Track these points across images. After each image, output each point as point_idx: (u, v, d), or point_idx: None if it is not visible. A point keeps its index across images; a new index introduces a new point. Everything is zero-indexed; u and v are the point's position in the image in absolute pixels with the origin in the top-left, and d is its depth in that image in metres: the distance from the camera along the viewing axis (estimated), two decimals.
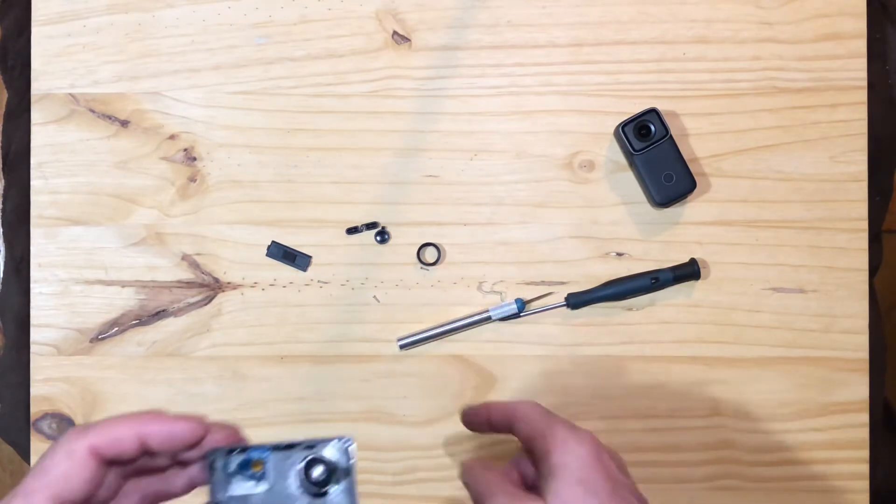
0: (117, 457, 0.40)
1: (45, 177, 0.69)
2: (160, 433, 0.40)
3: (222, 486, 0.40)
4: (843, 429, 0.67)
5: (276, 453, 0.41)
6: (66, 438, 0.39)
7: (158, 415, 0.40)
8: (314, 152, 0.69)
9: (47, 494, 0.38)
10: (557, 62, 0.68)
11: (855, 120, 0.67)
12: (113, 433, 0.39)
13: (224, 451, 0.40)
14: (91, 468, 0.39)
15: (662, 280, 0.66)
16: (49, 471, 0.38)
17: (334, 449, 0.41)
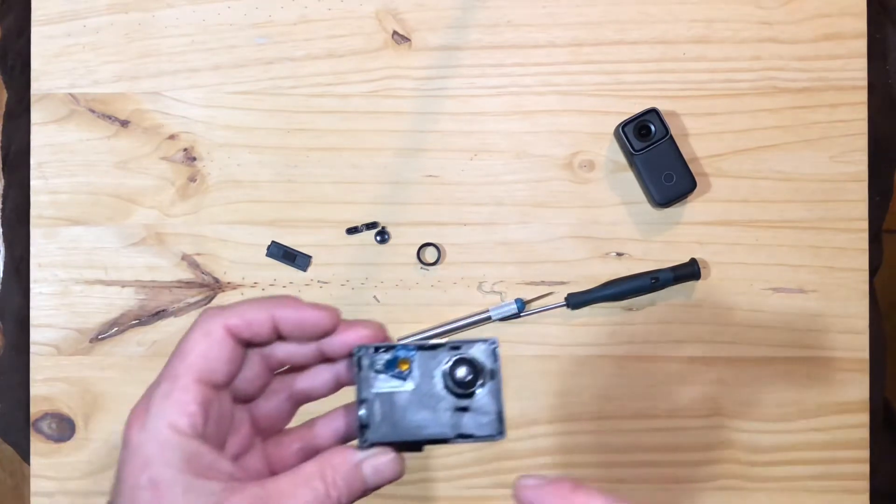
0: (252, 338, 0.40)
1: (44, 177, 0.69)
2: (292, 317, 0.40)
3: (368, 383, 0.40)
4: (843, 429, 0.67)
5: (422, 353, 0.40)
6: (202, 320, 0.39)
7: (291, 299, 0.40)
8: (314, 152, 0.69)
9: (192, 376, 0.38)
10: (557, 62, 0.68)
11: (855, 120, 0.67)
12: (247, 314, 0.39)
13: (370, 349, 0.40)
14: (229, 347, 0.39)
15: (662, 280, 0.66)
16: (189, 352, 0.38)
17: (480, 350, 0.40)
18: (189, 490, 0.36)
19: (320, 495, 0.38)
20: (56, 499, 0.68)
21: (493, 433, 0.40)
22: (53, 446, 0.69)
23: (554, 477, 0.38)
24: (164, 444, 0.36)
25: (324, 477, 0.38)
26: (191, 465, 0.36)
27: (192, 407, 0.37)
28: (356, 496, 0.39)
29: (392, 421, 0.40)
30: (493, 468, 0.68)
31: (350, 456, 0.39)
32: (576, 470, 0.68)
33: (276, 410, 0.43)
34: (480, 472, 0.68)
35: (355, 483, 0.39)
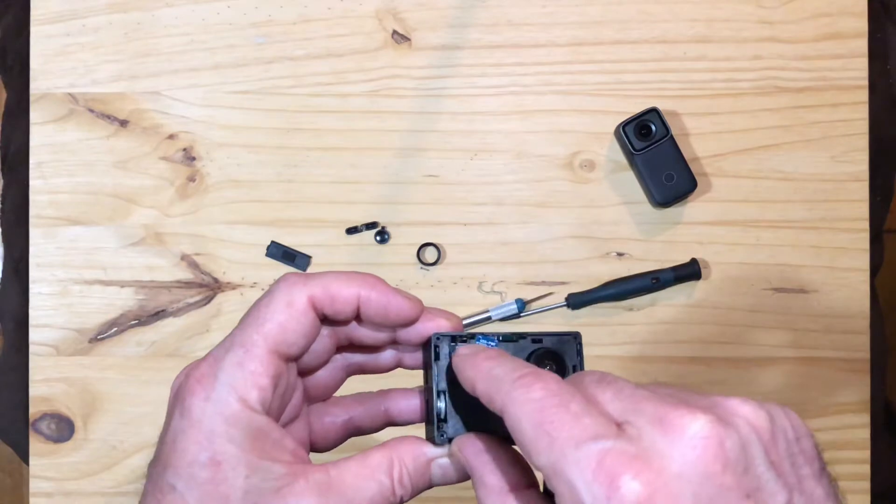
0: (334, 315, 0.37)
1: (44, 176, 0.69)
2: (378, 301, 0.37)
3: (444, 373, 0.37)
4: (843, 429, 0.67)
5: (503, 344, 0.38)
6: (286, 287, 0.36)
7: (378, 280, 0.37)
8: (314, 152, 0.68)
9: (269, 346, 0.35)
10: (558, 61, 0.68)
11: (856, 119, 0.67)
12: (333, 288, 0.36)
13: (449, 338, 0.38)
14: (309, 320, 0.36)
15: (663, 280, 0.66)
16: (268, 320, 0.35)
17: (563, 344, 0.38)
18: (252, 472, 0.33)
19: (385, 491, 0.35)
20: (55, 499, 0.68)
21: None
22: (52, 447, 0.68)
23: None
24: (231, 418, 0.34)
25: (391, 471, 0.36)
26: (256, 444, 0.34)
27: (265, 380, 0.35)
28: (417, 493, 0.37)
29: (468, 415, 0.37)
30: None
31: (421, 451, 0.36)
32: None
33: (329, 379, 0.41)
34: None
35: (421, 481, 0.36)
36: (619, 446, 0.28)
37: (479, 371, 0.34)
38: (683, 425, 0.28)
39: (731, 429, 0.28)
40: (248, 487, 0.33)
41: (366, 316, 0.37)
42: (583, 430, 0.29)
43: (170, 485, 0.34)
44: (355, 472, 0.35)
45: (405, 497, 0.36)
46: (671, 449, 0.27)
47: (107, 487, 0.68)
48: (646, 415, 0.29)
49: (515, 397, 0.31)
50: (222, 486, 0.33)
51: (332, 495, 0.34)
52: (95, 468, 0.68)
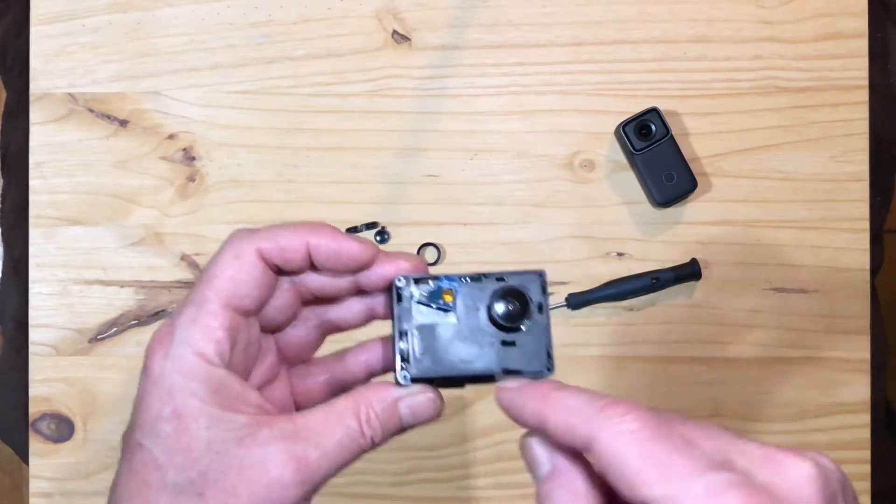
0: (284, 265, 0.37)
1: (43, 176, 0.69)
2: (328, 247, 0.37)
3: (408, 314, 0.37)
4: (844, 429, 0.67)
5: (465, 284, 0.38)
6: (232, 241, 0.37)
7: (328, 227, 0.37)
8: (314, 152, 0.68)
9: (220, 301, 0.35)
10: (558, 61, 0.68)
11: (856, 119, 0.67)
12: (279, 238, 0.37)
13: (410, 280, 0.38)
14: (259, 270, 0.36)
15: (663, 280, 0.66)
16: (218, 276, 0.36)
17: (527, 282, 0.38)
18: (215, 423, 0.34)
19: (353, 433, 0.36)
20: (55, 499, 0.68)
21: (541, 369, 0.37)
22: (52, 447, 0.68)
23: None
24: (189, 373, 0.34)
25: (358, 414, 0.36)
26: (217, 397, 0.34)
27: (220, 333, 0.35)
28: (390, 436, 0.37)
29: (433, 355, 0.37)
30: (494, 469, 0.67)
31: (387, 392, 0.37)
32: None
33: (304, 339, 0.41)
34: (482, 473, 0.68)
35: (391, 422, 0.37)
36: (739, 479, 0.29)
37: (549, 404, 0.34)
38: (794, 465, 0.30)
39: (827, 471, 0.30)
40: (210, 438, 0.34)
41: (319, 263, 0.37)
42: (696, 461, 0.29)
43: (138, 443, 0.35)
44: (321, 418, 0.35)
45: (376, 438, 0.36)
46: (786, 485, 0.29)
47: (107, 487, 0.67)
48: (751, 455, 0.30)
49: (608, 428, 0.31)
50: (185, 438, 0.34)
51: (297, 441, 0.34)
52: (95, 468, 0.68)
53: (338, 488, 0.68)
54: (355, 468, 0.72)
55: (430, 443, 0.68)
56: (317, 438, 0.35)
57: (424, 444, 0.68)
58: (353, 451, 0.36)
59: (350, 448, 0.35)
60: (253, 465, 0.34)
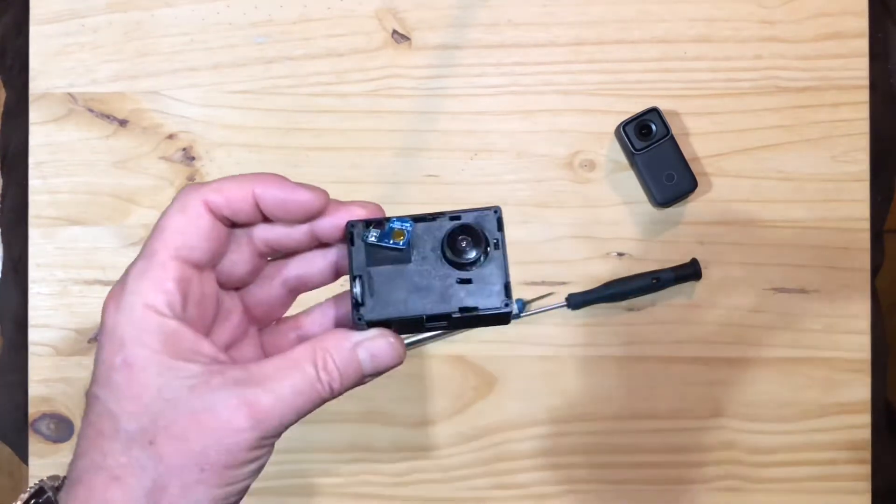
0: (233, 216, 0.37)
1: (43, 176, 0.69)
2: (275, 196, 0.36)
3: (361, 257, 0.37)
4: (844, 430, 0.67)
5: (418, 224, 0.37)
6: (179, 195, 0.37)
7: (276, 176, 0.37)
8: (314, 152, 0.68)
9: (169, 253, 0.36)
10: (558, 61, 0.68)
11: (857, 119, 0.67)
12: (226, 189, 0.36)
13: (363, 224, 0.37)
14: (207, 223, 0.36)
15: (663, 280, 0.66)
16: (165, 228, 0.36)
17: (482, 218, 0.37)
18: (165, 371, 0.34)
19: (310, 379, 0.35)
20: None
21: (498, 305, 0.36)
22: (52, 447, 0.68)
23: None
24: (139, 323, 0.34)
25: (314, 360, 0.35)
26: (168, 347, 0.34)
27: (169, 284, 0.35)
28: (351, 383, 0.36)
29: (388, 298, 0.36)
30: (493, 469, 0.67)
31: (344, 338, 0.36)
32: (576, 471, 0.67)
33: (270, 297, 0.41)
34: (481, 474, 0.67)
35: (350, 368, 0.36)
36: None
37: None
38: None
39: None
40: (161, 385, 0.34)
41: (268, 212, 0.37)
42: None
43: (94, 395, 0.35)
44: (276, 364, 0.35)
45: (335, 384, 0.36)
46: None
47: None
48: None
49: None
50: (135, 387, 0.34)
51: (249, 387, 0.34)
52: None
53: (338, 488, 0.68)
54: (354, 468, 0.72)
55: (430, 443, 0.68)
56: (270, 384, 0.34)
57: (425, 445, 0.68)
58: (310, 397, 0.35)
59: (307, 394, 0.35)
60: (203, 410, 0.34)
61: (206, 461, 0.34)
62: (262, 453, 0.35)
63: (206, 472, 0.34)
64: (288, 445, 0.68)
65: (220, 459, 0.34)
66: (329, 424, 0.68)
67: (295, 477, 0.68)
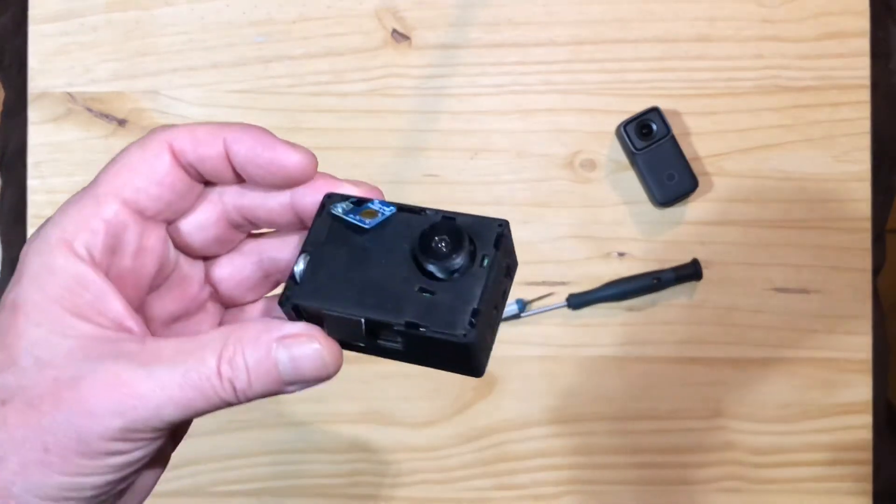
0: (199, 163, 0.31)
1: (42, 176, 0.69)
2: (250, 148, 0.31)
3: (321, 233, 0.30)
4: (845, 430, 0.67)
5: (401, 214, 0.30)
6: (147, 134, 0.32)
7: (254, 128, 0.32)
8: (314, 151, 0.68)
9: (110, 188, 0.30)
10: (558, 60, 0.68)
11: (858, 119, 0.67)
12: (198, 132, 0.31)
13: (340, 198, 0.31)
14: (166, 166, 0.31)
15: (664, 280, 0.66)
16: (116, 162, 0.31)
17: (479, 226, 0.29)
18: (47, 322, 0.28)
19: (207, 372, 0.28)
20: None
21: (455, 332, 0.28)
22: None
23: None
24: (45, 258, 0.29)
25: (222, 350, 0.29)
26: (66, 297, 0.29)
27: (96, 223, 0.30)
28: (265, 389, 0.29)
29: (330, 286, 0.29)
30: (494, 470, 0.67)
31: (266, 331, 0.29)
32: (577, 471, 0.67)
33: (241, 276, 0.35)
34: (481, 474, 0.67)
35: (263, 369, 0.29)
36: None
37: None
38: None
39: None
40: (36, 339, 0.28)
41: (241, 168, 0.32)
42: None
43: None
44: (178, 347, 0.29)
45: (239, 385, 0.29)
46: None
47: None
48: None
49: None
50: (11, 334, 0.29)
51: (132, 365, 0.28)
52: None
53: (338, 489, 0.68)
54: (355, 468, 0.72)
55: (430, 443, 0.68)
56: (157, 367, 0.28)
57: (425, 445, 0.68)
58: (204, 393, 0.29)
59: (200, 389, 0.28)
60: (67, 380, 0.28)
61: (53, 441, 0.28)
62: (128, 447, 0.29)
63: (51, 453, 0.28)
64: (288, 446, 0.68)
65: (69, 444, 0.28)
66: (329, 424, 0.68)
67: (294, 477, 0.68)
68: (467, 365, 0.30)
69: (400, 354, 0.30)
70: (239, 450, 0.68)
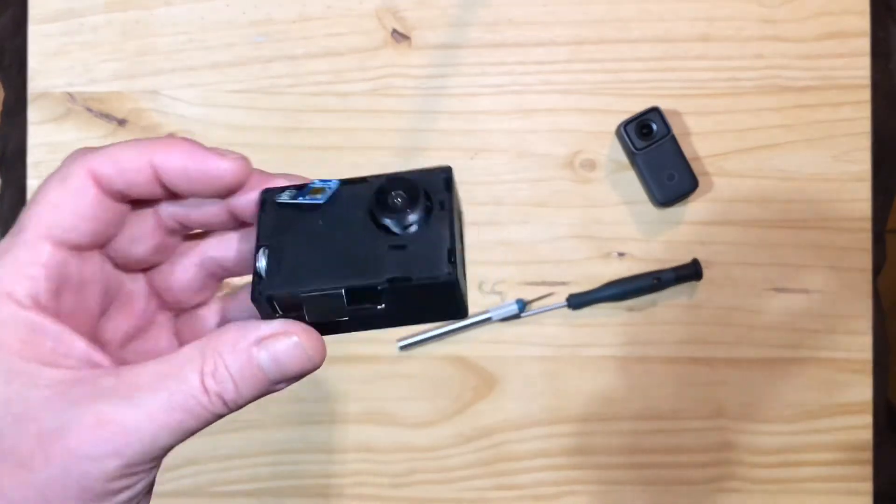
0: (128, 188, 0.30)
1: (41, 176, 0.69)
2: (179, 166, 0.30)
3: (270, 225, 0.30)
4: (846, 430, 0.67)
5: (346, 186, 0.30)
6: (66, 162, 0.30)
7: (183, 141, 0.30)
8: (313, 151, 0.68)
9: (39, 232, 0.29)
10: (559, 60, 0.68)
11: (858, 119, 0.67)
12: (120, 157, 0.30)
13: (279, 190, 0.31)
14: (91, 197, 0.29)
15: (664, 280, 0.66)
16: (39, 202, 0.29)
17: (428, 180, 0.30)
18: (15, 377, 0.27)
19: (191, 390, 0.28)
20: None
21: (436, 273, 0.28)
22: None
23: None
24: (1, 321, 0.28)
25: (202, 365, 0.28)
26: (26, 347, 0.28)
27: (34, 269, 0.29)
28: (254, 392, 0.29)
29: (299, 270, 0.29)
30: (494, 470, 0.67)
31: (242, 336, 0.29)
32: (577, 472, 0.67)
33: (185, 280, 0.34)
34: (481, 474, 0.67)
35: (247, 374, 0.28)
36: None
37: None
38: None
39: None
40: (9, 397, 0.27)
41: (173, 186, 0.30)
42: None
43: None
44: (155, 370, 0.28)
45: (227, 396, 0.28)
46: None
47: None
48: None
49: None
50: None
51: (113, 400, 0.27)
52: None
53: (338, 489, 0.68)
54: (355, 469, 0.72)
55: (430, 443, 0.68)
56: (140, 397, 0.27)
57: (425, 445, 0.68)
58: (194, 412, 0.28)
59: (188, 409, 0.28)
60: (53, 431, 0.27)
61: (53, 495, 0.27)
62: (131, 482, 0.28)
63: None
64: (288, 446, 0.68)
65: (71, 494, 0.27)
66: (329, 424, 0.68)
67: (294, 477, 0.68)
68: (453, 306, 0.29)
69: (382, 319, 0.30)
70: (239, 450, 0.68)
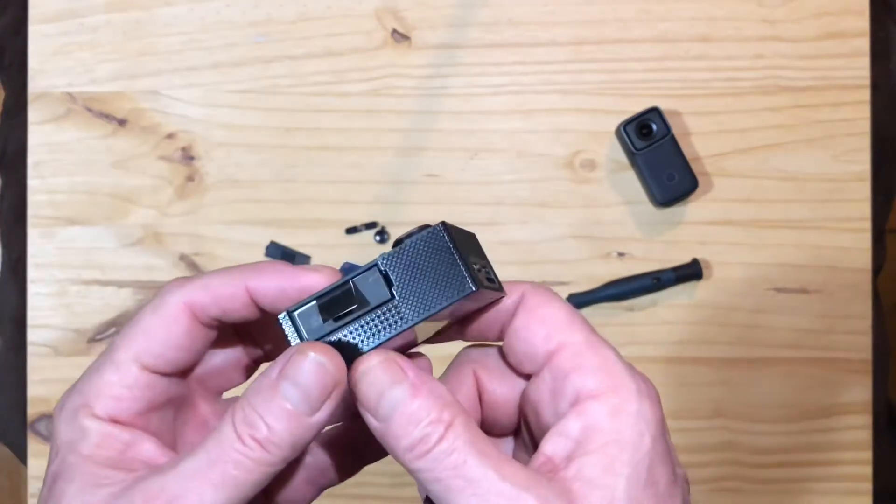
0: (224, 315, 0.31)
1: (41, 176, 0.69)
2: (275, 288, 0.31)
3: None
4: (845, 430, 0.67)
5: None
6: (161, 291, 0.31)
7: (276, 264, 0.32)
8: (313, 151, 0.68)
9: (129, 355, 0.31)
10: (558, 60, 0.68)
11: (858, 119, 0.67)
12: (215, 286, 0.31)
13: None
14: (183, 327, 0.31)
15: (664, 280, 0.66)
16: (133, 326, 0.31)
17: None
18: (81, 479, 0.29)
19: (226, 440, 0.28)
20: None
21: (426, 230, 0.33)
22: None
23: None
24: (74, 427, 0.30)
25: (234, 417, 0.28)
26: (98, 452, 0.29)
27: (118, 390, 0.30)
28: (289, 429, 0.28)
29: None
30: None
31: (265, 376, 0.29)
32: None
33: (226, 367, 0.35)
34: None
35: (273, 407, 0.28)
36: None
37: None
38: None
39: None
40: (73, 495, 0.29)
41: (268, 307, 0.32)
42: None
43: None
44: (193, 467, 0.29)
45: (261, 437, 0.28)
46: None
47: None
48: None
49: None
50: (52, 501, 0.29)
51: (158, 477, 0.29)
52: None
53: (338, 489, 0.67)
54: None
55: None
56: (183, 463, 0.29)
57: None
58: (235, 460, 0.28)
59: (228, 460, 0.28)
60: None
61: None
62: None
63: None
64: None
65: None
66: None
67: None
68: (458, 276, 0.32)
69: (392, 312, 0.32)
70: None
